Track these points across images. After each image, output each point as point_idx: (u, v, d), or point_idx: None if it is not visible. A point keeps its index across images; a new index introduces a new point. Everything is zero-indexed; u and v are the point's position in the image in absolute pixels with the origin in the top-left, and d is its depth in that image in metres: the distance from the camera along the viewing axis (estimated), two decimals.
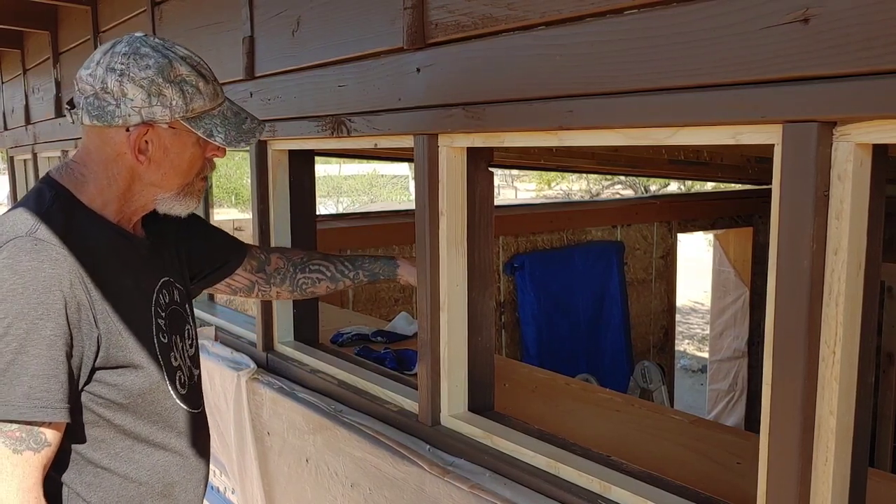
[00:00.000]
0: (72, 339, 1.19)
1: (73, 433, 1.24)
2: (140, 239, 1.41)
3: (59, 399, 1.15)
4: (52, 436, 1.16)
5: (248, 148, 2.36)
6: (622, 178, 13.61)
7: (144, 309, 1.36)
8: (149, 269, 1.41)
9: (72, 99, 1.31)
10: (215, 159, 1.42)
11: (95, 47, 3.62)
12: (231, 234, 1.80)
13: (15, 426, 1.11)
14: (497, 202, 2.43)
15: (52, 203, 1.26)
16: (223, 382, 2.48)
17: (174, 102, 1.27)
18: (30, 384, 1.12)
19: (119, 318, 1.27)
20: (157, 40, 1.29)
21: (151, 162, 1.31)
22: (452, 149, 1.62)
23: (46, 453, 1.15)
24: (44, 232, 1.20)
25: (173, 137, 1.31)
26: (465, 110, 1.52)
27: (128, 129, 1.27)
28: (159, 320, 1.38)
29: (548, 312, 5.05)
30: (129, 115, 1.25)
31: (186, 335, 1.47)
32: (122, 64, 1.24)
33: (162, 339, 1.37)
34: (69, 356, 1.18)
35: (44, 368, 1.14)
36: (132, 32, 1.31)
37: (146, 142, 1.29)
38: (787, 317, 1.01)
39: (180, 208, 1.40)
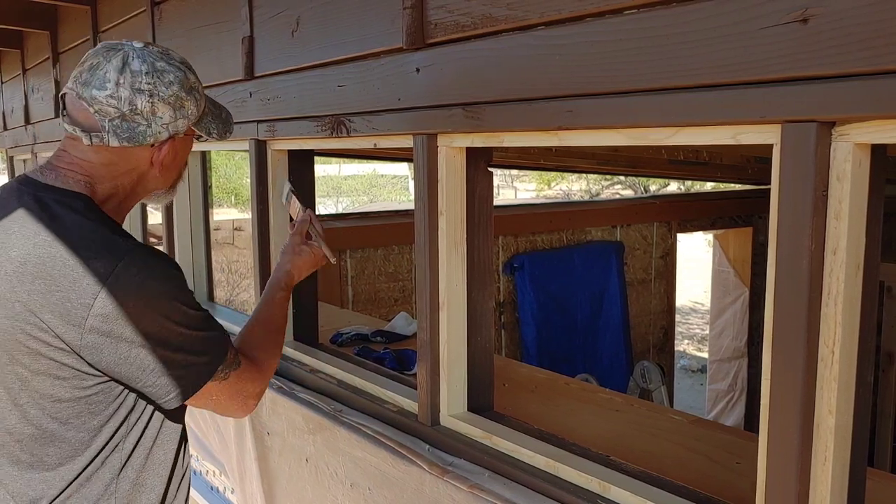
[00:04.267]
0: None
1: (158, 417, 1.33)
2: None
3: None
4: None
5: (246, 147, 2.36)
6: (622, 178, 13.61)
7: None
8: None
9: (67, 113, 1.27)
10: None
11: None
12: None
13: (231, 355, 1.32)
14: (496, 202, 2.43)
15: (94, 213, 1.25)
16: None
17: (190, 112, 1.31)
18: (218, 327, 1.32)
19: None
20: (156, 49, 1.29)
21: (163, 168, 1.34)
22: (452, 149, 1.62)
23: None
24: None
25: (183, 141, 1.36)
26: (465, 110, 1.52)
27: (152, 145, 1.29)
28: None
29: (547, 312, 5.05)
30: (160, 133, 1.28)
31: None
32: (149, 84, 1.24)
33: None
34: None
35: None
36: (129, 43, 1.28)
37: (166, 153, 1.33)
38: (786, 317, 1.02)
39: (166, 199, 1.45)
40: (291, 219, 1.88)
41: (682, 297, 10.20)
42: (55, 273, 1.15)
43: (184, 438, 1.41)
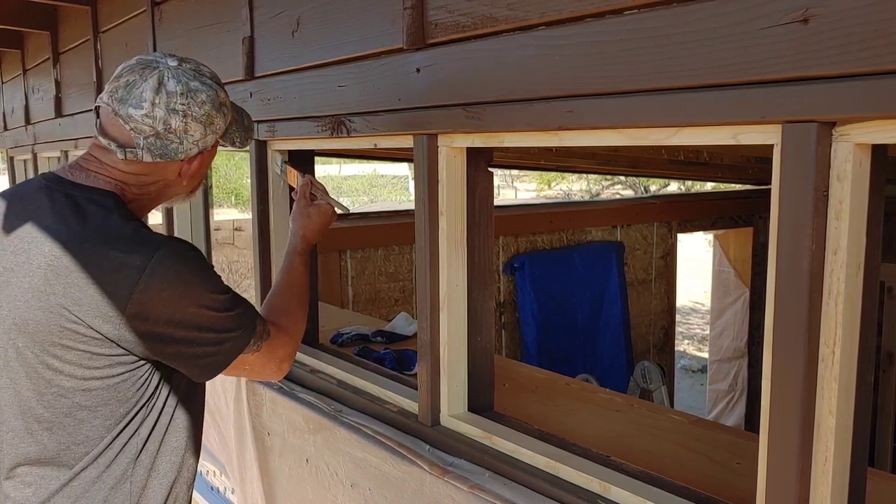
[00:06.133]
0: None
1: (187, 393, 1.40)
2: None
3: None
4: None
5: (247, 147, 2.36)
6: (622, 178, 13.61)
7: None
8: None
9: (101, 126, 1.32)
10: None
11: (95, 47, 3.62)
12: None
13: (259, 327, 1.39)
14: (497, 202, 2.43)
15: (123, 210, 1.30)
16: (223, 383, 2.48)
17: (218, 126, 1.38)
18: (245, 303, 1.39)
19: None
20: (189, 66, 1.34)
21: (189, 178, 1.41)
22: (452, 149, 1.62)
23: None
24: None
25: (209, 153, 1.42)
26: (465, 110, 1.52)
27: (182, 160, 1.36)
28: None
29: (547, 312, 5.05)
30: (190, 150, 1.34)
31: None
32: (183, 105, 1.30)
33: None
34: None
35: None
36: (164, 61, 1.32)
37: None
38: (786, 317, 1.02)
39: (184, 202, 1.54)
40: (292, 188, 1.95)
41: (683, 297, 10.20)
42: (91, 267, 1.19)
43: (196, 428, 1.44)
